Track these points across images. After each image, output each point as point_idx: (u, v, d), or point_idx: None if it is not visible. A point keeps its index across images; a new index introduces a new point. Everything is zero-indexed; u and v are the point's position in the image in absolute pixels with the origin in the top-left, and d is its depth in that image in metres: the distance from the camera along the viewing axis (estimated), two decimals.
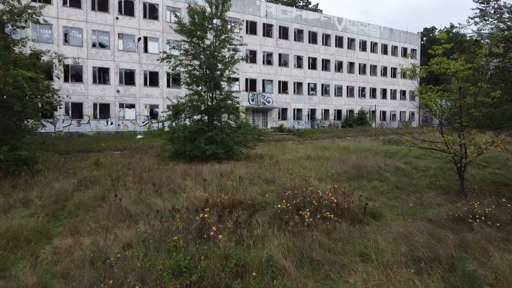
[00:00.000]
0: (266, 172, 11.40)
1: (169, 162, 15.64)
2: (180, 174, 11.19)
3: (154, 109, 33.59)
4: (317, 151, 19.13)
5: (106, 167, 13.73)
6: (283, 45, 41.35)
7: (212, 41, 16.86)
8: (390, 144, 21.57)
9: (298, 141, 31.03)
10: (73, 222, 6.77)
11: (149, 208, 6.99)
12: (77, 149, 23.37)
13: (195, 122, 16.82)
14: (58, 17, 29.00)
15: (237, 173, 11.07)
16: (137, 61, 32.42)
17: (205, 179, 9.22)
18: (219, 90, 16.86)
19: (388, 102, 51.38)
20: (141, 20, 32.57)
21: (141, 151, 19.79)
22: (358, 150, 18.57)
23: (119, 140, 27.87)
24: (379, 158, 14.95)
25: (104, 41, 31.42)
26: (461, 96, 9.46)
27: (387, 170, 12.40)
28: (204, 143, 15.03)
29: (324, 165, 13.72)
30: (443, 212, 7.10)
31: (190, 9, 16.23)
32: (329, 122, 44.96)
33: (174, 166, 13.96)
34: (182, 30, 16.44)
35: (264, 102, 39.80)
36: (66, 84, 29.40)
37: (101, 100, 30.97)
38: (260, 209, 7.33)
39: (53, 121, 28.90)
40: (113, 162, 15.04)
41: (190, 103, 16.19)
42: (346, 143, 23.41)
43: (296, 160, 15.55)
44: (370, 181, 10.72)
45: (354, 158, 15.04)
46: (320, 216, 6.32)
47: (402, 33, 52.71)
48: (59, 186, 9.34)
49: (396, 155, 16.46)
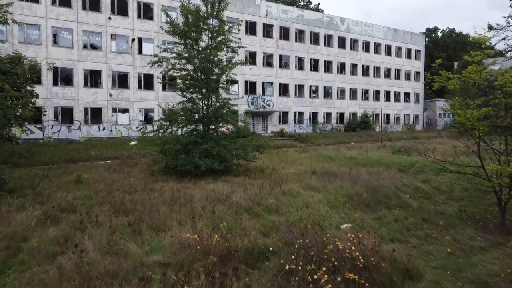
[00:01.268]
0: (268, 196, 9.84)
1: (159, 178, 14.09)
2: (168, 198, 9.62)
3: (149, 113, 32.04)
4: (323, 163, 17.61)
5: (87, 186, 12.19)
6: (283, 46, 39.81)
7: (207, 43, 15.32)
8: (400, 153, 20.03)
9: (300, 148, 29.50)
10: (21, 281, 5.21)
11: (119, 263, 5.42)
12: (64, 158, 21.83)
13: (189, 132, 15.26)
14: (47, 17, 27.43)
15: (234, 198, 9.52)
16: (131, 63, 30.86)
17: (193, 216, 7.65)
18: (215, 97, 15.31)
19: (392, 105, 49.86)
20: (135, 20, 31.01)
21: (131, 162, 18.23)
22: (368, 162, 17.04)
23: (110, 147, 26.30)
24: (393, 174, 13.42)
25: (95, 42, 29.85)
26: (508, 113, 7.91)
27: (406, 191, 10.86)
28: (198, 156, 13.48)
29: (333, 183, 12.20)
30: (494, 265, 5.56)
31: (183, 8, 14.68)
32: (331, 126, 43.43)
33: (163, 185, 12.40)
34: (175, 31, 14.90)
35: (264, 105, 38.26)
36: (55, 88, 27.86)
37: (93, 104, 29.40)
38: (262, 259, 5.80)
39: (41, 127, 27.33)
40: (97, 179, 13.48)
41: (183, 112, 14.62)
42: (352, 152, 21.86)
43: (301, 175, 14.01)
44: (389, 208, 9.18)
45: (365, 174, 13.51)
46: (342, 279, 4.78)
47: (406, 33, 51.19)
48: (21, 218, 7.79)
49: (410, 169, 14.95)
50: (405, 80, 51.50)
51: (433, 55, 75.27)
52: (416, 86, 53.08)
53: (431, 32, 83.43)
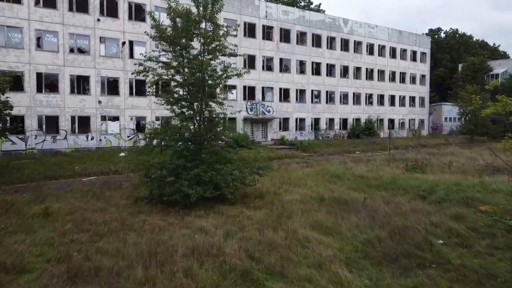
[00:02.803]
0: (271, 248, 7.90)
1: (142, 207, 12.15)
2: (145, 250, 7.67)
3: (141, 121, 30.09)
4: (329, 184, 15.69)
5: (54, 223, 10.24)
6: (284, 49, 37.89)
7: (200, 50, 13.37)
8: (414, 170, 18.10)
9: (302, 159, 27.59)
10: None
11: None
12: (44, 174, 19.85)
13: (177, 152, 13.30)
14: (30, 18, 25.46)
15: (227, 251, 7.57)
16: (122, 68, 28.89)
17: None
18: (209, 112, 13.36)
19: (397, 110, 47.97)
20: (126, 22, 29.05)
21: (115, 183, 16.27)
22: (381, 184, 15.13)
23: (98, 159, 24.35)
24: (416, 205, 11.47)
25: (83, 45, 27.87)
26: None
27: (438, 234, 8.93)
28: (188, 184, 11.52)
29: (346, 219, 10.27)
30: None
31: (171, 10, 12.72)
32: (334, 132, 41.52)
33: (145, 220, 10.46)
34: (162, 36, 12.95)
35: (263, 111, 36.32)
36: (39, 95, 25.91)
37: (80, 112, 27.44)
38: None
39: (24, 138, 25.37)
40: (69, 210, 11.54)
41: (170, 131, 12.66)
42: (360, 167, 19.94)
43: (307, 204, 12.10)
44: (423, 266, 7.26)
45: (382, 204, 11.57)
46: None
47: (411, 35, 49.32)
48: None
49: (432, 196, 13.01)
50: (411, 83, 49.60)
51: (436, 57, 73.46)
52: (422, 89, 51.19)
53: (434, 33, 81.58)
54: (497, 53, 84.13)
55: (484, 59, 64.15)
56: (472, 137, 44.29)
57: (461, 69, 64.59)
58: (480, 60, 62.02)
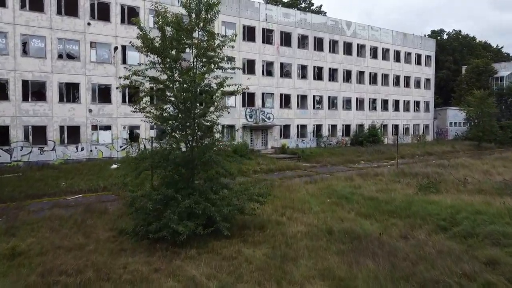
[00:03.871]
0: None
1: (125, 244, 10.64)
2: None
3: (134, 130, 28.57)
4: (337, 209, 14.19)
5: (19, 269, 8.73)
6: (285, 53, 36.39)
7: (192, 63, 11.85)
8: (428, 190, 16.61)
9: (305, 171, 26.11)
10: None
11: None
12: (26, 192, 18.34)
13: (168, 176, 11.79)
14: (15, 23, 23.94)
15: None
16: (114, 75, 27.38)
17: None
18: (201, 132, 11.86)
19: (401, 115, 46.49)
20: (118, 26, 27.55)
21: (100, 207, 14.73)
22: (395, 211, 13.62)
23: (87, 172, 22.86)
24: (441, 245, 9.94)
25: (73, 51, 26.36)
26: None
27: None
28: (178, 218, 10.00)
29: (361, 264, 8.77)
30: None
31: (160, 18, 11.20)
32: (336, 139, 40.02)
33: (126, 264, 8.95)
34: (149, 47, 11.43)
35: (263, 118, 34.82)
36: (25, 104, 24.41)
37: (70, 121, 25.93)
38: None
39: (9, 149, 23.85)
40: (40, 249, 10.02)
41: (158, 155, 11.15)
42: (369, 185, 18.46)
43: (313, 240, 10.61)
44: None
45: (401, 243, 10.07)
46: None
47: (416, 38, 47.85)
48: None
49: (455, 228, 11.48)
50: (415, 88, 48.13)
51: (439, 59, 71.98)
52: (426, 94, 49.71)
53: (436, 34, 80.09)
54: (500, 55, 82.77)
55: (488, 61, 62.70)
56: (480, 144, 42.85)
57: (465, 71, 63.15)
58: (485, 63, 60.61)
